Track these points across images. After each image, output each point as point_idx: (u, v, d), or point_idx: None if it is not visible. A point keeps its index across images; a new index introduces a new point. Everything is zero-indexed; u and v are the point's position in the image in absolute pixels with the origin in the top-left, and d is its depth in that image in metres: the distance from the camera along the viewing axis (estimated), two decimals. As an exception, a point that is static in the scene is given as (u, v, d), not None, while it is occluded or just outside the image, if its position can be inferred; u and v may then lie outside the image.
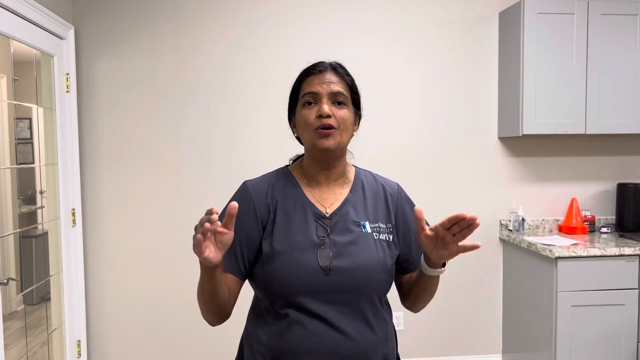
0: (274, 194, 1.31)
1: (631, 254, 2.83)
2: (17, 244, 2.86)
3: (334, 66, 1.32)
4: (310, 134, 1.26)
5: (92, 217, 3.18)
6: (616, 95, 3.12)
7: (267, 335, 1.26)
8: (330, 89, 1.27)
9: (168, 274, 3.23)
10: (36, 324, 2.95)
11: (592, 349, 2.84)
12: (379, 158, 3.27)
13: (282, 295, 1.23)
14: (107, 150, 3.17)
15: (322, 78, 1.28)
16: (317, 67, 1.31)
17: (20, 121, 3.00)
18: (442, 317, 3.40)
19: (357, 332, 1.24)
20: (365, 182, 1.40)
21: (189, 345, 3.26)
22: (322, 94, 1.27)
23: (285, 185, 1.34)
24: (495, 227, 3.42)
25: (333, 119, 1.25)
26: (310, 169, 1.35)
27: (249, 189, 1.32)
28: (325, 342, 1.22)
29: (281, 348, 1.23)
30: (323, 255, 1.24)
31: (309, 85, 1.28)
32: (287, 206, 1.30)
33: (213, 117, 3.21)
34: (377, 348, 1.28)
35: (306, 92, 1.28)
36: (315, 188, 1.34)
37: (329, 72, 1.29)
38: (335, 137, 1.26)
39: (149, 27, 3.16)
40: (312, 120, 1.26)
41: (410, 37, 3.30)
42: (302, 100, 1.29)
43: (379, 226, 1.34)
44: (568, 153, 3.45)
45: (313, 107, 1.27)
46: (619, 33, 3.09)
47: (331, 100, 1.27)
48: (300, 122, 1.30)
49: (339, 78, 1.30)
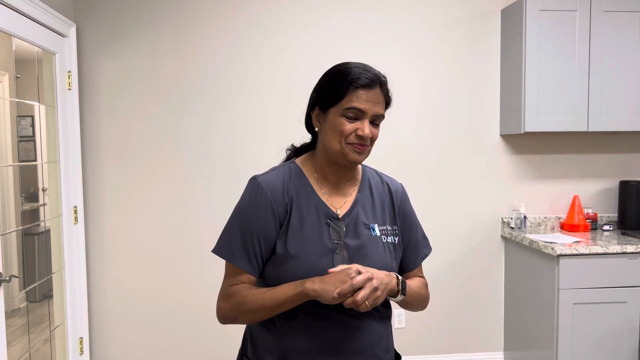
0: (289, 192, 1.29)
1: (633, 252, 2.82)
2: (20, 242, 2.87)
3: (382, 83, 1.31)
4: (342, 145, 1.26)
5: (94, 215, 3.18)
6: (619, 93, 3.11)
7: (275, 333, 1.26)
8: (375, 111, 1.27)
9: (170, 271, 3.24)
10: (39, 321, 2.96)
11: (594, 347, 2.84)
12: (381, 156, 3.26)
13: None
14: (109, 147, 3.18)
15: (371, 96, 1.26)
16: (366, 77, 1.27)
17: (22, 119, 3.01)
18: (443, 315, 3.40)
19: (363, 330, 1.26)
20: (372, 182, 1.40)
21: (190, 342, 3.26)
22: (368, 114, 1.26)
23: (298, 183, 1.31)
24: (497, 224, 3.41)
25: (368, 139, 1.27)
26: (323, 167, 1.33)
27: (263, 186, 1.28)
28: (333, 340, 1.25)
29: (289, 346, 1.25)
30: (338, 260, 1.25)
31: (358, 100, 1.25)
32: (300, 205, 1.29)
33: (215, 115, 3.21)
34: (382, 342, 1.31)
35: (353, 106, 1.25)
36: (326, 187, 1.34)
37: (377, 89, 1.28)
38: (365, 154, 1.29)
39: (151, 25, 3.16)
40: (349, 135, 1.25)
41: (412, 34, 3.30)
42: (345, 111, 1.25)
43: (387, 229, 1.35)
44: (570, 150, 3.44)
45: (353, 122, 1.26)
46: (621, 30, 3.08)
47: (371, 120, 1.28)
48: (333, 127, 1.27)
49: (383, 98, 1.31)
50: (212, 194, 3.22)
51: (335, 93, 1.26)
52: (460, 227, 3.39)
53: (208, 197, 3.22)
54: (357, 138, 1.25)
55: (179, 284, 3.24)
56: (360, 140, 1.25)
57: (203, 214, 3.21)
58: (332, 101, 1.27)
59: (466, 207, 3.38)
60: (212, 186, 3.23)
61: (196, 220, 3.20)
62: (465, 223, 3.39)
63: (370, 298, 1.15)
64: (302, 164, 1.36)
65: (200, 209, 3.19)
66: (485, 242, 3.41)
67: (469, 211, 3.38)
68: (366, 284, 1.15)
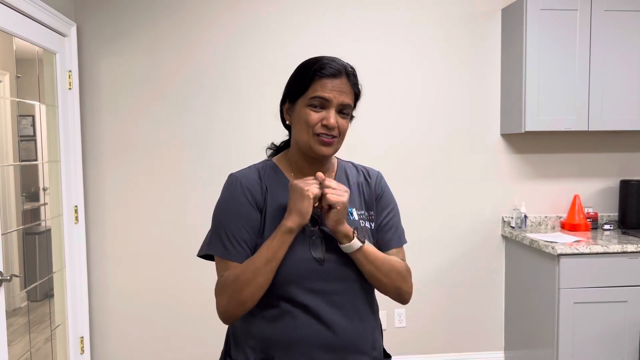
0: (265, 183, 1.32)
1: (634, 251, 2.82)
2: (21, 241, 2.88)
3: (349, 73, 1.29)
4: (309, 136, 1.26)
5: (94, 214, 3.19)
6: (619, 92, 3.10)
7: (257, 326, 1.27)
8: (341, 100, 1.26)
9: (171, 270, 3.24)
10: (39, 321, 2.97)
11: (595, 346, 2.84)
12: (381, 155, 3.27)
13: (273, 286, 1.23)
14: (109, 147, 3.18)
15: (336, 84, 1.26)
16: (331, 67, 1.27)
17: (23, 118, 3.01)
18: (444, 314, 3.40)
19: (346, 323, 1.26)
20: (348, 171, 1.41)
21: (191, 341, 3.26)
22: (333, 103, 1.25)
23: (273, 177, 1.33)
24: (498, 224, 3.41)
25: (336, 129, 1.26)
26: (298, 161, 1.34)
27: (241, 180, 1.31)
28: (315, 333, 1.24)
29: (271, 338, 1.25)
30: (315, 245, 1.26)
31: (322, 89, 1.25)
32: (276, 197, 1.30)
33: (216, 114, 3.21)
34: (366, 337, 1.31)
35: (317, 95, 1.25)
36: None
37: (343, 79, 1.27)
38: (334, 146, 1.29)
39: (151, 24, 3.16)
40: (315, 125, 1.26)
41: (412, 33, 3.29)
42: (310, 101, 1.26)
43: (364, 214, 1.36)
44: (571, 150, 3.43)
45: (319, 111, 1.26)
46: (622, 29, 3.08)
47: (338, 109, 1.27)
48: (300, 119, 1.28)
49: (351, 87, 1.29)
50: (213, 193, 3.21)
51: (301, 84, 1.28)
52: (461, 226, 3.39)
53: (208, 196, 3.21)
54: (323, 128, 1.25)
55: (180, 282, 3.24)
56: (327, 130, 1.25)
57: (203, 213, 3.21)
58: (299, 92, 1.29)
59: (467, 206, 3.38)
60: (212, 185, 3.22)
61: (196, 219, 3.20)
62: (466, 222, 3.39)
63: (336, 195, 1.21)
64: (278, 160, 1.38)
65: (201, 208, 3.19)
66: (485, 242, 3.41)
67: (469, 210, 3.38)
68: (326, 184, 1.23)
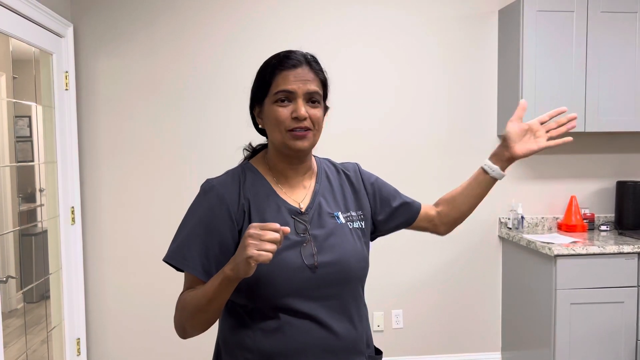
0: (245, 194, 1.25)
1: (630, 252, 2.83)
2: (17, 242, 2.86)
3: (309, 60, 1.25)
4: (282, 134, 1.21)
5: (91, 215, 3.18)
6: (616, 93, 3.11)
7: (253, 339, 1.21)
8: (306, 89, 1.21)
9: (167, 271, 3.22)
10: (36, 322, 2.96)
11: (591, 347, 2.84)
12: (377, 156, 3.27)
13: (269, 297, 1.19)
14: (106, 148, 3.17)
15: (298, 74, 1.21)
16: (290, 59, 1.23)
17: (19, 119, 3.00)
18: (441, 315, 3.40)
19: (344, 326, 1.25)
20: (328, 172, 1.38)
21: (187, 343, 3.26)
22: (298, 94, 1.20)
23: (254, 183, 1.27)
24: (495, 225, 3.42)
25: (308, 120, 1.21)
26: (277, 164, 1.30)
27: (219, 189, 1.25)
28: (315, 340, 1.21)
29: (272, 350, 1.20)
30: (306, 252, 1.22)
31: (284, 82, 1.20)
32: (260, 206, 1.24)
33: (212, 115, 3.21)
34: (362, 336, 1.30)
35: (280, 89, 1.20)
36: (284, 183, 1.30)
37: (304, 68, 1.22)
38: (310, 139, 1.23)
39: (148, 25, 3.15)
40: (285, 120, 1.20)
41: (409, 34, 3.30)
42: (275, 97, 1.21)
43: (351, 215, 1.33)
44: (567, 151, 3.44)
45: (287, 106, 1.21)
46: (618, 30, 3.09)
47: (306, 99, 1.21)
48: (270, 118, 1.23)
49: (314, 75, 1.24)
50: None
51: (264, 83, 1.25)
52: (458, 227, 3.38)
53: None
54: (295, 121, 1.20)
55: (176, 284, 3.22)
56: (298, 122, 1.20)
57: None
58: (264, 92, 1.25)
59: (464, 208, 3.38)
60: (209, 186, 3.22)
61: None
62: (463, 223, 3.37)
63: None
64: (257, 163, 1.33)
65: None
66: (482, 243, 3.41)
67: (466, 211, 3.38)
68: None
